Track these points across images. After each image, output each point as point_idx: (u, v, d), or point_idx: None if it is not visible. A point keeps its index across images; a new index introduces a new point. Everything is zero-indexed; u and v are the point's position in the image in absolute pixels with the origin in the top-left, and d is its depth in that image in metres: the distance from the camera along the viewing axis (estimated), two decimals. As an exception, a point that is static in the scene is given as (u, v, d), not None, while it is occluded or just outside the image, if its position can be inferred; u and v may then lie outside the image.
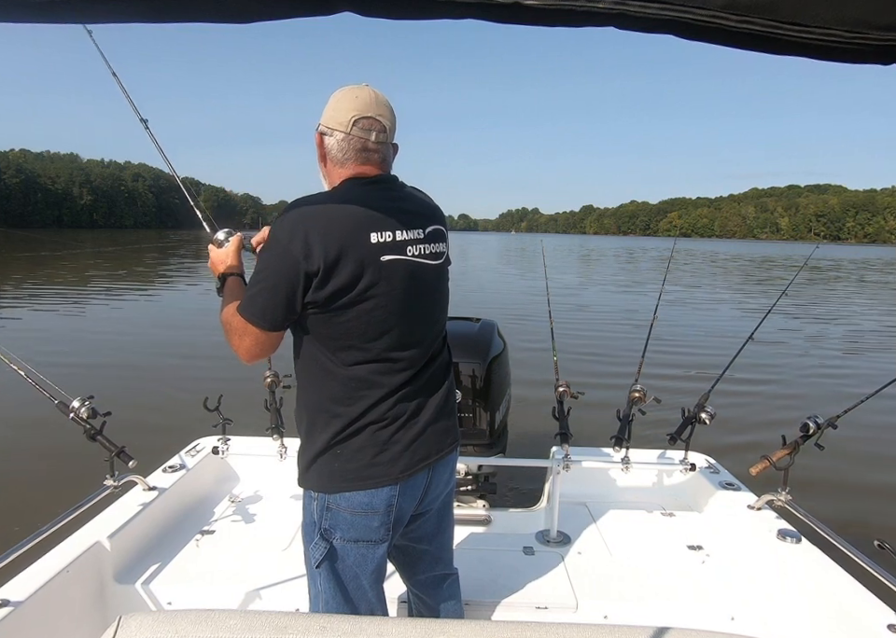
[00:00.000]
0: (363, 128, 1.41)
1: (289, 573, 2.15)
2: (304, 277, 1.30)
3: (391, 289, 1.38)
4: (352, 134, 1.41)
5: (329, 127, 1.43)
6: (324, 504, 1.44)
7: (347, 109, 1.41)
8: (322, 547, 1.45)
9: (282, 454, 2.62)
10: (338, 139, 1.42)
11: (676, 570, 2.28)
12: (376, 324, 1.38)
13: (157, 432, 4.84)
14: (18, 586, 1.71)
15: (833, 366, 8.90)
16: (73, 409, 2.12)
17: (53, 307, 13.43)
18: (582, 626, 1.00)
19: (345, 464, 1.42)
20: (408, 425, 1.46)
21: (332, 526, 1.45)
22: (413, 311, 1.44)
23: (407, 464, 1.45)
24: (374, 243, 1.35)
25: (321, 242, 1.30)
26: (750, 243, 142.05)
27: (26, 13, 0.65)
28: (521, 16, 0.68)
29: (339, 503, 1.43)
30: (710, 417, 2.49)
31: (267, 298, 1.34)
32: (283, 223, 1.34)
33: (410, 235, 1.42)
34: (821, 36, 0.68)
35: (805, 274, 3.95)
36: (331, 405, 1.42)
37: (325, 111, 1.45)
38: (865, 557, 1.81)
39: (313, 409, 1.46)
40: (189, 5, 0.67)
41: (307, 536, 1.50)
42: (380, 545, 1.48)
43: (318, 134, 1.46)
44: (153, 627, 0.93)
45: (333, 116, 1.42)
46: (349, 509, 1.43)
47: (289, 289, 1.32)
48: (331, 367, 1.41)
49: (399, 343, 1.43)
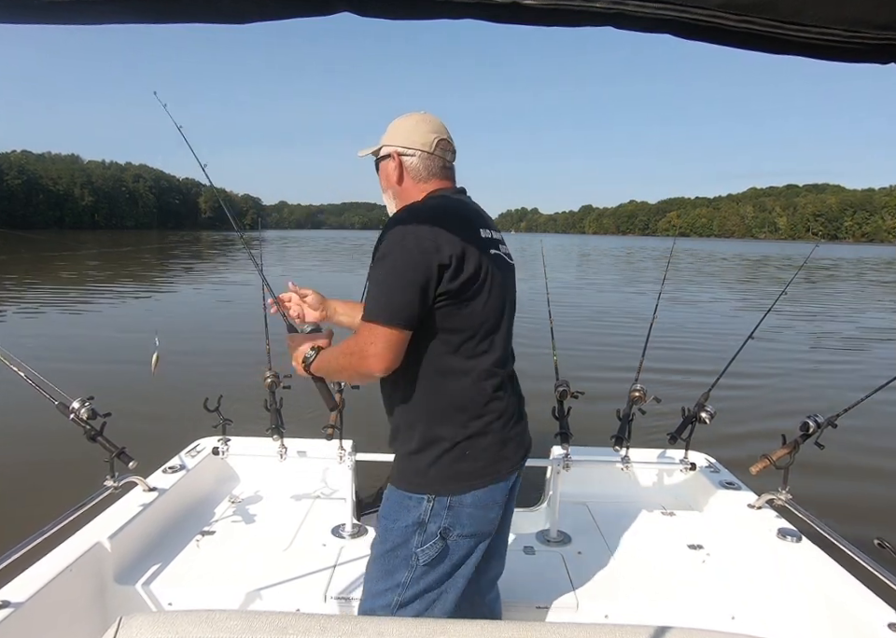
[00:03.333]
0: (443, 148, 1.58)
1: (290, 573, 2.15)
2: (438, 269, 1.36)
3: (501, 280, 1.50)
4: (435, 154, 1.57)
5: (410, 148, 1.56)
6: (445, 504, 1.47)
7: (429, 132, 1.57)
8: (439, 546, 1.48)
9: (282, 455, 2.62)
10: (422, 158, 1.57)
11: (676, 569, 2.28)
12: (495, 313, 1.48)
13: (157, 433, 4.84)
14: (18, 586, 1.71)
15: (833, 364, 8.90)
16: (73, 410, 2.12)
17: (53, 308, 13.42)
18: (583, 625, 1.01)
19: (474, 463, 1.47)
20: (514, 419, 1.55)
21: (452, 524, 1.48)
22: (511, 303, 1.58)
23: (516, 457, 1.55)
24: (483, 238, 1.48)
25: (446, 235, 1.38)
26: (749, 243, 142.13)
27: (26, 13, 0.66)
28: (519, 16, 0.68)
29: (464, 501, 1.47)
30: (710, 416, 2.49)
31: (401, 296, 1.36)
32: (401, 227, 1.40)
33: (495, 236, 1.56)
34: (820, 35, 0.68)
35: (803, 273, 3.93)
36: (459, 403, 1.47)
37: (398, 134, 1.58)
38: (865, 555, 1.81)
39: (432, 411, 1.48)
40: (187, 5, 0.67)
41: (402, 536, 1.50)
42: (488, 538, 1.55)
43: (395, 156, 1.57)
44: (153, 627, 0.93)
45: (415, 138, 1.56)
46: (474, 505, 1.48)
47: (424, 283, 1.36)
48: (455, 364, 1.46)
49: (508, 334, 1.55)
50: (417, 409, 1.49)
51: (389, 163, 1.59)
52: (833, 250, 72.63)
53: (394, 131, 1.60)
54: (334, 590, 2.06)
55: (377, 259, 1.42)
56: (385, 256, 1.39)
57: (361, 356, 1.38)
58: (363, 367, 1.39)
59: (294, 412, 2.78)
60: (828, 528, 2.01)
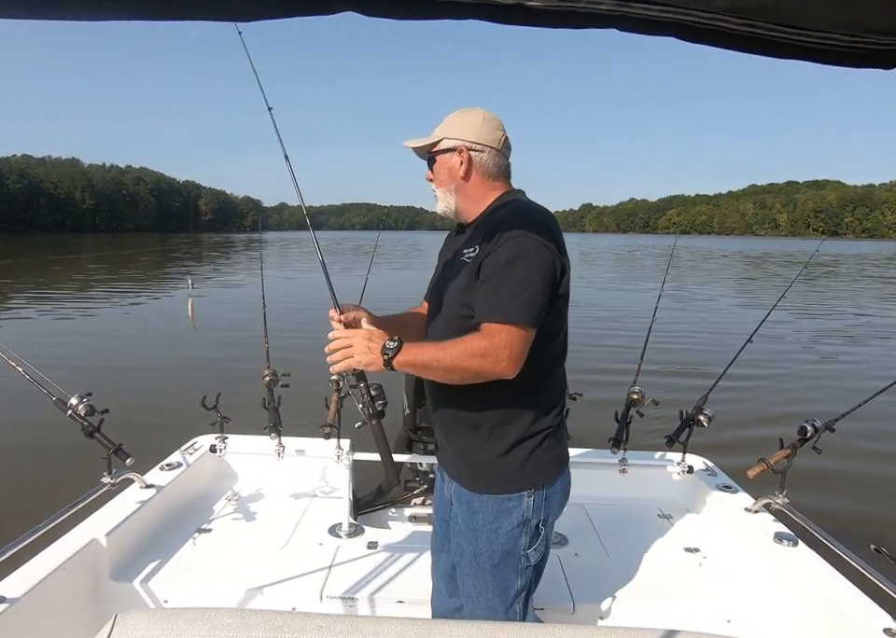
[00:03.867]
0: (507, 146, 1.56)
1: (286, 572, 2.15)
2: (560, 271, 1.40)
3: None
4: (502, 152, 1.54)
5: (480, 143, 1.51)
6: (542, 496, 1.48)
7: (496, 128, 1.53)
8: (542, 540, 1.50)
9: (279, 453, 2.61)
10: (492, 155, 1.52)
11: (673, 572, 2.27)
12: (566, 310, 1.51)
13: (155, 430, 4.84)
14: (14, 582, 1.71)
15: (832, 366, 8.89)
16: (70, 407, 2.11)
17: (53, 309, 13.42)
18: (579, 627, 1.00)
19: (554, 450, 1.52)
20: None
21: (548, 514, 1.51)
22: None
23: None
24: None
25: (559, 239, 1.42)
26: (749, 240, 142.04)
27: (25, 10, 0.65)
28: (522, 17, 0.67)
29: (556, 488, 1.51)
30: (708, 419, 2.49)
31: (539, 298, 1.36)
32: (531, 226, 1.38)
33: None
34: (821, 40, 0.68)
35: (805, 270, 3.91)
36: (553, 398, 1.51)
37: (466, 129, 1.51)
38: (862, 561, 1.81)
39: (533, 407, 1.48)
40: (188, 3, 0.67)
41: (509, 542, 1.47)
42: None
43: (464, 150, 1.50)
44: (149, 625, 0.92)
45: (485, 134, 1.51)
46: (561, 491, 1.54)
47: (553, 284, 1.39)
48: (550, 361, 1.50)
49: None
50: (516, 406, 1.47)
51: (453, 158, 1.52)
52: (833, 246, 72.66)
53: (459, 125, 1.53)
54: (330, 590, 2.06)
55: (511, 254, 1.36)
56: (519, 256, 1.35)
57: (496, 360, 1.32)
58: (496, 371, 1.33)
59: (293, 412, 2.78)
60: (825, 532, 2.01)
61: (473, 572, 1.52)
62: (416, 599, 2.01)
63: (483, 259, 1.40)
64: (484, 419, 1.48)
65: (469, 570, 1.53)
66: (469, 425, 1.50)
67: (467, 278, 1.45)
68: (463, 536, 1.53)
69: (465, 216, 1.59)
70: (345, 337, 1.43)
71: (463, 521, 1.53)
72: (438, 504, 1.76)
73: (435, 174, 1.58)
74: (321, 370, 2.72)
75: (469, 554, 1.52)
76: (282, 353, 2.87)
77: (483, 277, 1.39)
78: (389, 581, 2.13)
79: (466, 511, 1.52)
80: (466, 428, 1.51)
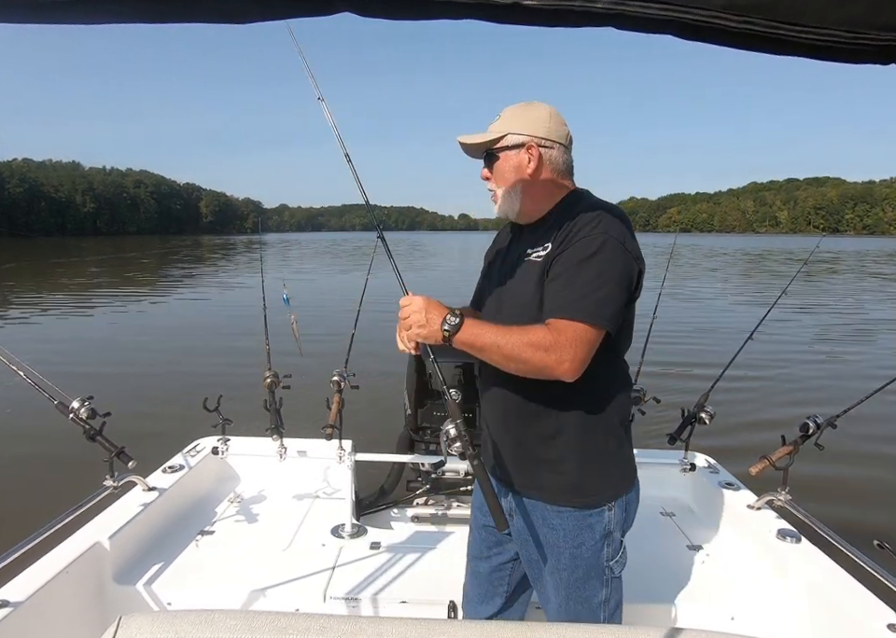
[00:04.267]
0: (572, 143, 1.49)
1: (289, 573, 2.15)
2: (637, 275, 1.35)
3: None
4: (569, 148, 1.48)
5: (550, 139, 1.43)
6: (622, 506, 1.44)
7: (562, 123, 1.46)
8: (623, 551, 1.47)
9: (281, 455, 2.62)
10: (561, 152, 1.45)
11: (676, 570, 2.27)
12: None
13: (156, 432, 4.84)
14: (17, 586, 1.71)
15: (834, 362, 8.91)
16: (72, 410, 2.11)
17: (53, 311, 13.43)
18: (582, 626, 1.00)
19: (629, 459, 1.50)
20: None
21: (627, 520, 1.48)
22: None
23: None
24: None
25: (637, 241, 1.37)
26: (750, 238, 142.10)
27: (26, 13, 0.65)
28: (520, 16, 0.68)
29: (632, 496, 1.48)
30: (710, 417, 2.49)
31: (616, 298, 1.30)
32: (609, 224, 1.33)
33: None
34: (820, 36, 0.68)
35: (805, 266, 3.91)
36: (625, 403, 1.47)
37: (534, 124, 1.43)
38: (865, 557, 1.81)
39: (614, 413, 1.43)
40: (188, 5, 0.67)
41: (593, 556, 1.42)
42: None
43: (534, 146, 1.42)
44: (153, 627, 0.92)
45: (555, 130, 1.44)
46: (636, 497, 1.51)
47: (630, 288, 1.34)
48: (621, 365, 1.47)
49: None
50: (596, 415, 1.40)
51: (520, 154, 1.43)
52: (834, 243, 72.67)
53: (525, 120, 1.43)
54: (334, 590, 2.06)
55: (589, 253, 1.30)
56: (596, 254, 1.29)
57: (559, 359, 1.24)
58: (555, 369, 1.26)
59: (294, 413, 2.78)
60: (827, 529, 2.01)
61: (554, 584, 1.47)
62: (419, 599, 2.01)
63: (555, 256, 1.34)
64: (563, 429, 1.40)
65: (550, 582, 1.48)
66: (546, 436, 1.41)
67: (536, 278, 1.38)
68: (538, 550, 1.47)
69: (528, 216, 1.51)
70: (405, 305, 1.36)
71: (540, 536, 1.46)
72: (477, 511, 1.69)
73: (497, 173, 1.48)
74: (322, 371, 2.73)
75: (549, 568, 1.46)
76: (283, 356, 2.86)
77: (554, 274, 1.33)
78: (392, 582, 2.13)
79: (542, 526, 1.45)
80: (542, 439, 1.42)
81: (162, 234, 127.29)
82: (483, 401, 1.60)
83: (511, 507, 1.52)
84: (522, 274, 1.44)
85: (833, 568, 1.94)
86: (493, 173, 1.49)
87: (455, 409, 1.34)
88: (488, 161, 1.49)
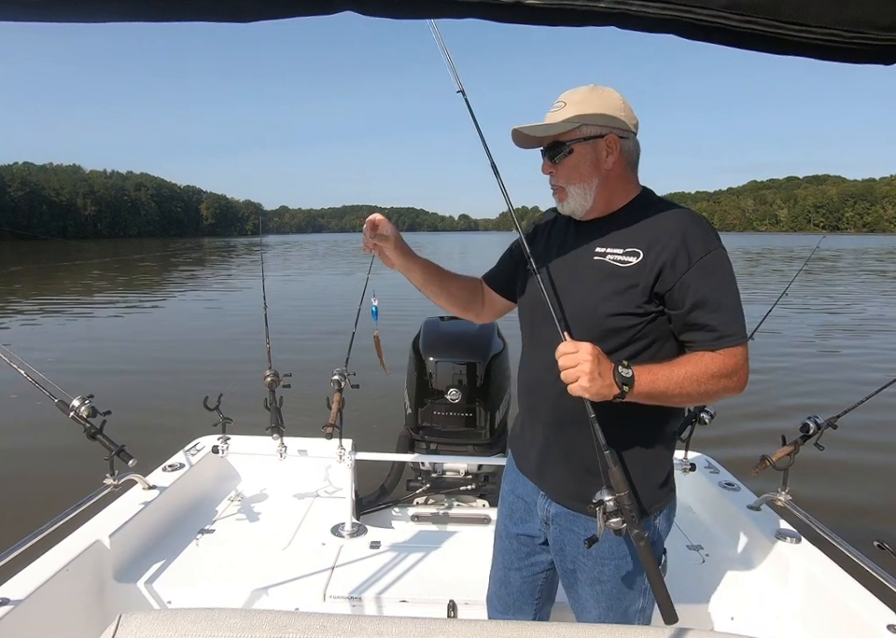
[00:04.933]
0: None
1: (289, 572, 2.15)
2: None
3: None
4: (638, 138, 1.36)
5: (624, 129, 1.30)
6: (666, 517, 1.45)
7: (632, 109, 1.33)
8: (665, 561, 1.46)
9: (282, 453, 2.62)
10: (635, 143, 1.35)
11: (675, 570, 2.27)
12: None
13: (157, 431, 4.84)
14: (18, 584, 1.71)
15: (835, 361, 8.89)
16: (73, 408, 2.11)
17: (54, 311, 13.44)
18: (582, 625, 1.00)
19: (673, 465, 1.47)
20: None
21: (670, 527, 1.47)
22: None
23: None
24: None
25: None
26: (750, 236, 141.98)
27: (25, 12, 0.65)
28: (522, 15, 0.68)
29: (673, 504, 1.47)
30: (710, 417, 2.49)
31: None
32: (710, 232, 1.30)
33: None
34: (822, 36, 0.68)
35: (806, 266, 3.92)
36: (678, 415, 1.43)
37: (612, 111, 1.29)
38: (865, 557, 1.81)
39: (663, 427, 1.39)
40: (188, 4, 0.67)
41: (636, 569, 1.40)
42: None
43: (615, 138, 1.29)
44: (153, 626, 0.92)
45: (629, 116, 1.31)
46: (675, 505, 1.49)
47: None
48: None
49: None
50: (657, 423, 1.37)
51: (598, 146, 1.29)
52: (834, 241, 72.58)
53: (600, 106, 1.28)
54: (334, 589, 2.06)
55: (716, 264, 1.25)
56: (726, 270, 1.26)
57: (739, 380, 1.26)
58: (735, 391, 1.27)
59: (294, 412, 2.78)
60: (827, 529, 2.01)
61: (594, 595, 1.43)
62: (419, 598, 2.01)
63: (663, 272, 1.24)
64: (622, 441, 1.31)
65: (590, 592, 1.44)
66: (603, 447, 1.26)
67: (617, 284, 1.27)
68: (578, 561, 1.43)
69: (595, 213, 1.38)
70: (569, 353, 1.17)
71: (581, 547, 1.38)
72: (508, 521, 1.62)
73: (567, 167, 1.33)
74: (322, 371, 2.73)
75: (590, 578, 1.43)
76: (283, 355, 2.86)
77: (697, 298, 1.23)
78: (392, 581, 2.13)
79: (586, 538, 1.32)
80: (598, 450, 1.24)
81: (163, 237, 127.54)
82: (530, 405, 1.50)
83: (547, 515, 1.47)
84: (592, 274, 1.32)
85: (832, 568, 1.94)
86: (559, 166, 1.34)
87: (620, 481, 1.19)
88: (555, 155, 1.33)
